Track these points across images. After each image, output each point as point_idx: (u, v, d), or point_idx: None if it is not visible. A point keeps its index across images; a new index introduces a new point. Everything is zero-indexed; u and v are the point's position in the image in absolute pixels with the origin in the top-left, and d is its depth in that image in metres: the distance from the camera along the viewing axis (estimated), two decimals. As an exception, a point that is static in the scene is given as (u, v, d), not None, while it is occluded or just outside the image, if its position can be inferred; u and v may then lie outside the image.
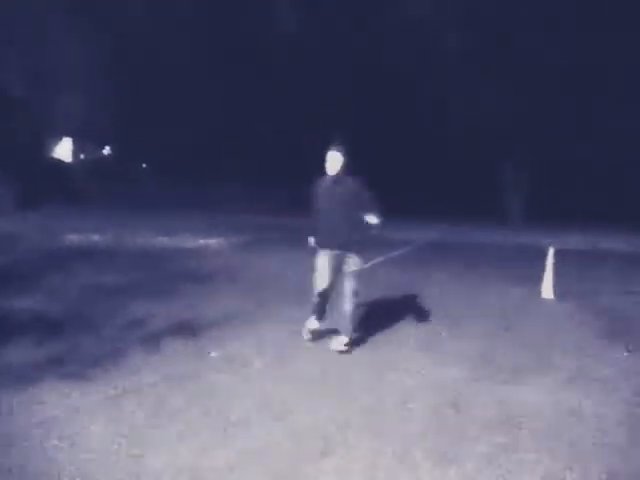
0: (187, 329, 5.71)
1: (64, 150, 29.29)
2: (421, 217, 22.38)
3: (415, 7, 20.32)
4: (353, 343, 5.29)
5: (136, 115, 26.03)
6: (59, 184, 22.39)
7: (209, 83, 24.04)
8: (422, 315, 6.69)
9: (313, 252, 5.42)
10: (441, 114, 21.67)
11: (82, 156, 31.11)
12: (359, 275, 5.30)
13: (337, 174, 5.24)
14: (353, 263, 5.25)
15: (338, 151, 5.25)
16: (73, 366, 4.55)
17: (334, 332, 5.36)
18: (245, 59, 23.40)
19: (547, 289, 8.31)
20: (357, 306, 5.40)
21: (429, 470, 3.14)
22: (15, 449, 3.22)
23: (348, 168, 5.29)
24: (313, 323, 5.42)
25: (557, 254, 8.67)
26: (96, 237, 13.09)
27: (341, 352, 5.13)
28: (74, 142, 29.62)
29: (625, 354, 5.41)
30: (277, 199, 22.54)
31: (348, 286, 5.26)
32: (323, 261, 5.27)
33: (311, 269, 5.40)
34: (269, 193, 23.17)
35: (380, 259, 11.63)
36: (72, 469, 3.03)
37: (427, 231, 18.73)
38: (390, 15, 21.13)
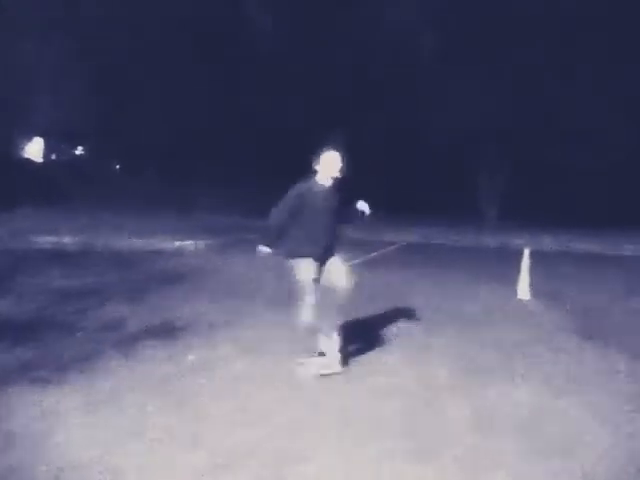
0: (163, 332, 5.63)
1: (35, 150, 28.78)
2: (403, 220, 22.55)
3: (390, 7, 20.43)
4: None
5: (109, 115, 25.69)
6: (30, 185, 21.97)
7: (183, 83, 23.85)
8: (398, 316, 6.69)
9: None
10: (417, 116, 21.79)
11: (54, 156, 30.60)
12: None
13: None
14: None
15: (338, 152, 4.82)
16: (46, 371, 4.44)
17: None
18: (218, 59, 23.27)
19: (523, 289, 8.40)
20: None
21: (407, 470, 3.14)
22: (-15, 457, 3.13)
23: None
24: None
25: (532, 255, 8.76)
26: (68, 239, 12.85)
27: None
28: (46, 142, 29.13)
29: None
30: (253, 200, 22.44)
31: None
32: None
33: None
34: (245, 194, 23.07)
35: (358, 260, 11.64)
36: (49, 476, 2.95)
37: (404, 233, 18.85)
38: (366, 14, 21.20)
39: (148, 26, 22.77)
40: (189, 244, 13.06)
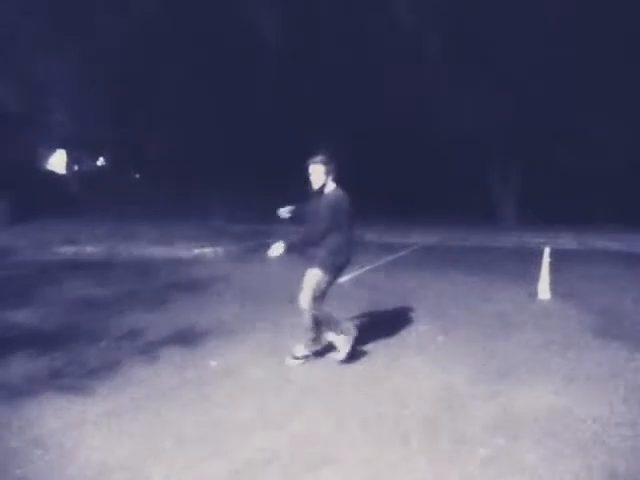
0: (185, 339, 5.70)
1: (58, 162, 29.21)
2: (419, 221, 22.47)
3: (396, 9, 20.33)
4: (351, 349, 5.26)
5: (129, 125, 26.02)
6: (53, 196, 22.32)
7: (199, 91, 24.04)
8: (417, 319, 6.69)
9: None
10: (430, 118, 21.62)
11: (76, 167, 31.04)
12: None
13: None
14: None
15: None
16: (70, 379, 4.53)
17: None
18: (232, 66, 23.41)
19: (543, 289, 8.32)
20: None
21: (430, 474, 3.14)
22: (14, 464, 3.21)
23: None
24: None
25: (552, 254, 8.67)
26: (90, 248, 13.03)
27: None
28: (68, 154, 29.55)
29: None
30: (273, 206, 22.45)
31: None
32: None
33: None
34: (265, 199, 23.12)
35: (377, 263, 11.63)
36: (72, 484, 3.02)
37: (424, 235, 18.77)
38: (372, 17, 21.11)
39: (164, 37, 23.01)
40: (208, 251, 13.16)
